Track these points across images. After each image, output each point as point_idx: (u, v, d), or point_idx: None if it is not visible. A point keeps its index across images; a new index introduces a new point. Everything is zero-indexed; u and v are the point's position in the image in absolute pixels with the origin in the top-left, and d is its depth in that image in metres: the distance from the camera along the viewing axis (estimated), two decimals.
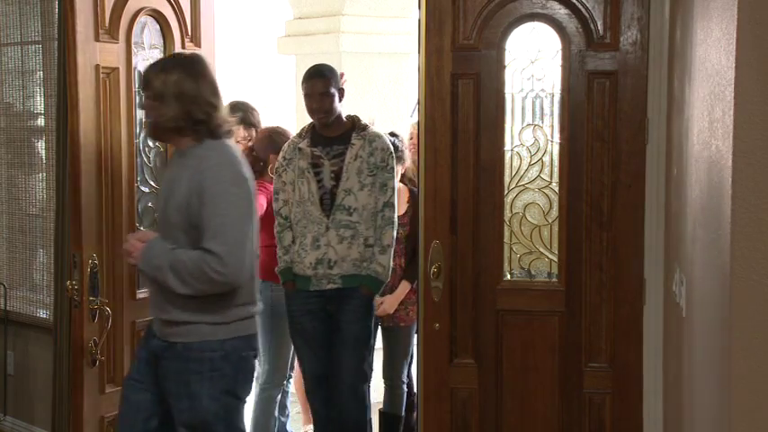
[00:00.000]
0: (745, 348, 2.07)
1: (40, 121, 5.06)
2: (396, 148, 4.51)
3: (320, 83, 4.31)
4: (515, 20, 3.53)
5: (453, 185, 3.57)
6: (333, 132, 4.38)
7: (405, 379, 4.86)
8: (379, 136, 4.37)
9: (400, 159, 4.63)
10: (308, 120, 4.47)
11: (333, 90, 4.35)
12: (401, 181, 4.67)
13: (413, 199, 4.61)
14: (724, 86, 2.18)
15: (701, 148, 2.54)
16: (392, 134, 4.74)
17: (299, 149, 4.38)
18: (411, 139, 4.86)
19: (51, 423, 4.51)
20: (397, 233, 4.39)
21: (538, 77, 3.57)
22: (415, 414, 4.72)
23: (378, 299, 4.45)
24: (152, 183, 4.07)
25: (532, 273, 3.64)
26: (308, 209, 4.32)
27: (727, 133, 2.12)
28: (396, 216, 4.34)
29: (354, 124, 4.41)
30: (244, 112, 4.75)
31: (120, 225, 3.90)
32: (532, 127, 3.59)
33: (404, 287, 4.65)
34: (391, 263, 4.35)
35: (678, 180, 3.03)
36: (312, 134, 4.42)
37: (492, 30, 3.54)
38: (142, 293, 3.97)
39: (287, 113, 6.55)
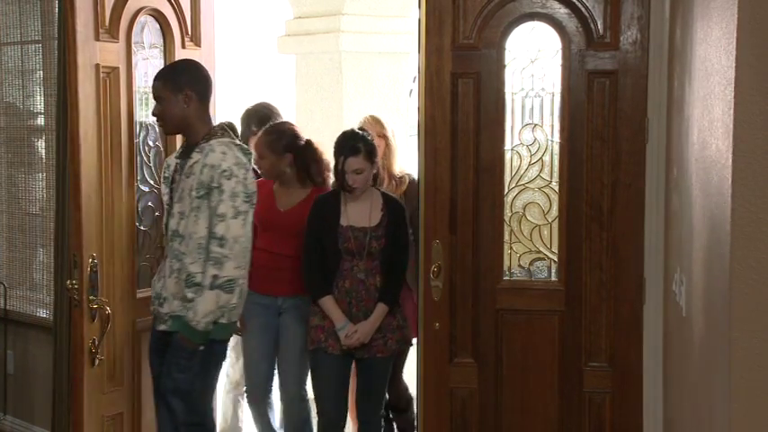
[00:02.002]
0: (745, 348, 2.07)
1: (40, 121, 5.06)
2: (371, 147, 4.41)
3: (153, 85, 3.74)
4: (515, 19, 3.53)
5: (453, 185, 3.57)
6: (193, 142, 3.70)
7: (383, 413, 4.33)
8: (213, 150, 3.54)
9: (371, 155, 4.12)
10: (308, 119, 4.47)
11: (166, 94, 3.66)
12: (374, 185, 4.09)
13: (388, 206, 4.02)
14: (724, 86, 2.18)
15: (700, 147, 2.54)
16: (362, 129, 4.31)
17: (167, 161, 3.87)
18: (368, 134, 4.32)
19: (51, 422, 4.51)
20: (371, 247, 3.92)
21: (538, 77, 3.57)
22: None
23: (351, 327, 3.91)
24: (152, 182, 4.07)
25: (532, 272, 3.64)
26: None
27: (727, 133, 2.12)
28: (226, 252, 3.48)
29: (210, 133, 3.65)
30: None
31: (121, 225, 3.90)
32: (532, 126, 3.60)
33: (380, 311, 3.95)
34: (205, 310, 3.48)
35: (678, 180, 3.03)
36: (185, 144, 3.80)
37: (492, 29, 3.54)
38: (142, 293, 3.97)
39: (287, 113, 6.55)
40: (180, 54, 4.15)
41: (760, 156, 2.04)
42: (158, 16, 4.07)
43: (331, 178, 4.22)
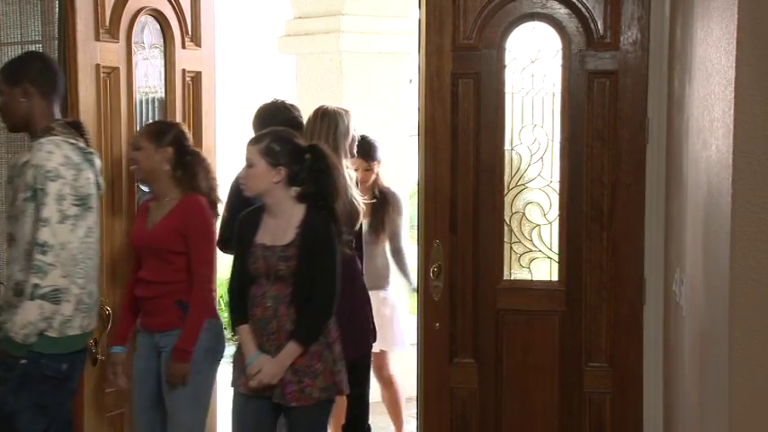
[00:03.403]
0: (745, 348, 2.08)
1: None
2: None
3: None
4: (515, 19, 3.53)
5: (453, 185, 3.57)
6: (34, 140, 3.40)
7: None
8: (41, 149, 3.24)
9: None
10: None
11: (5, 87, 3.42)
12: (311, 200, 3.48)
13: (306, 223, 3.37)
14: (724, 86, 2.18)
15: (700, 147, 2.54)
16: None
17: (11, 159, 3.68)
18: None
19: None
20: (278, 269, 3.35)
21: (538, 77, 3.58)
22: None
23: (256, 363, 3.37)
24: None
25: (532, 272, 3.64)
26: None
27: (728, 132, 2.12)
28: (50, 259, 3.14)
29: (46, 129, 3.34)
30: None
31: (121, 225, 3.90)
32: (532, 126, 3.60)
33: (288, 350, 3.32)
34: (24, 320, 3.14)
35: (678, 180, 3.03)
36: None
37: (492, 29, 3.54)
38: None
39: None
40: (180, 54, 4.16)
41: (760, 156, 2.04)
42: (158, 16, 4.07)
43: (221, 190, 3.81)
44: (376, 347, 4.56)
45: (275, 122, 4.05)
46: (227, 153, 4.26)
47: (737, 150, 2.06)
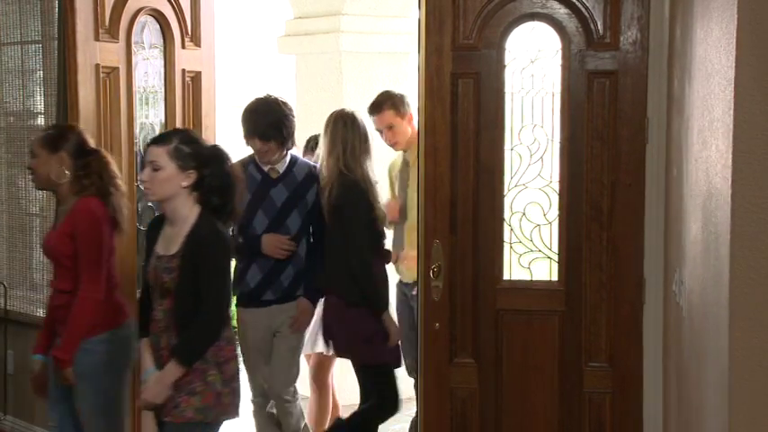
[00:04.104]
0: (744, 348, 2.07)
1: (40, 121, 5.05)
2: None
3: None
4: (515, 19, 3.53)
5: (453, 185, 3.57)
6: None
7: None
8: None
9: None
10: (308, 119, 4.47)
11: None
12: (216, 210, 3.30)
13: (193, 233, 3.19)
14: (724, 86, 2.18)
15: (700, 147, 2.54)
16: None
17: None
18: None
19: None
20: (163, 281, 3.23)
21: (538, 77, 3.57)
22: None
23: (147, 380, 3.28)
24: None
25: (532, 272, 3.64)
26: None
27: (727, 133, 2.12)
28: None
29: None
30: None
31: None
32: (532, 126, 3.59)
33: (169, 368, 3.19)
34: None
35: (678, 180, 3.03)
36: None
37: (492, 29, 3.53)
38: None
39: None
40: (180, 54, 4.16)
41: (760, 156, 2.04)
42: (158, 16, 4.07)
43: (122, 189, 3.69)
44: (326, 350, 4.51)
45: (269, 119, 4.08)
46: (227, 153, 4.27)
47: (737, 150, 2.06)
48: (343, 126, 4.14)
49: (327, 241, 4.19)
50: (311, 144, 4.66)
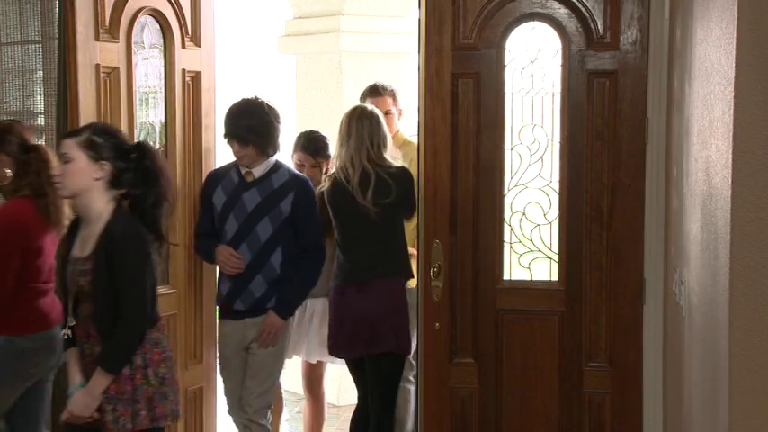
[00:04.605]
0: (745, 348, 2.07)
1: (40, 121, 5.05)
2: (317, 143, 4.34)
3: None
4: (515, 19, 3.53)
5: (453, 185, 3.57)
6: None
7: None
8: None
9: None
10: (309, 119, 4.45)
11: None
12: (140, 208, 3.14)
13: (107, 233, 3.02)
14: (724, 86, 2.18)
15: (700, 147, 2.54)
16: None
17: None
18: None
19: (52, 422, 4.50)
20: (78, 284, 3.06)
21: (538, 77, 3.58)
22: None
23: (74, 393, 3.12)
24: None
25: (532, 272, 3.64)
26: None
27: (727, 132, 2.12)
28: None
29: None
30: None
31: None
32: (532, 126, 3.60)
33: (95, 379, 3.03)
34: None
35: (678, 180, 3.03)
36: None
37: (492, 29, 3.54)
38: None
39: (287, 113, 6.55)
40: (180, 54, 4.15)
41: (760, 156, 2.04)
42: (158, 16, 4.06)
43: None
44: (312, 358, 4.43)
45: (251, 123, 3.94)
46: (227, 153, 4.24)
47: (737, 150, 2.06)
48: (369, 123, 3.96)
49: (372, 233, 3.96)
50: (302, 142, 4.47)
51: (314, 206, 4.06)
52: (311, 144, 4.43)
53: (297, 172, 4.21)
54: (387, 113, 4.40)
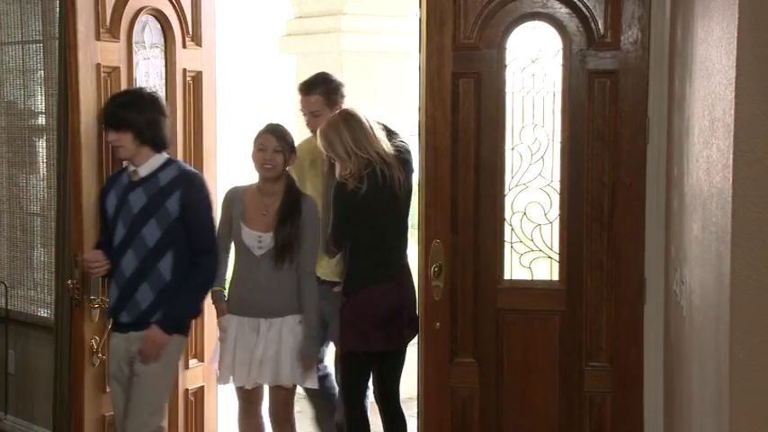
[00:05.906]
0: (744, 348, 2.07)
1: (41, 120, 5.06)
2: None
3: None
4: (516, 19, 3.53)
5: (454, 184, 3.57)
6: None
7: None
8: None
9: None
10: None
11: None
12: None
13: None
14: (725, 86, 2.18)
15: (701, 147, 2.54)
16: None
17: None
18: None
19: (52, 422, 4.51)
20: None
21: (539, 77, 3.57)
22: None
23: None
24: None
25: (533, 272, 3.64)
26: None
27: (728, 132, 2.12)
28: None
29: None
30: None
31: None
32: (533, 126, 3.60)
33: None
34: None
35: (679, 180, 3.03)
36: None
37: (493, 29, 3.54)
38: None
39: (287, 113, 6.56)
40: (181, 54, 4.16)
41: (760, 156, 2.04)
42: (159, 16, 4.07)
43: None
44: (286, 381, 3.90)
45: (129, 110, 3.58)
46: (228, 153, 4.23)
47: (737, 150, 2.06)
48: (354, 121, 3.91)
49: (403, 228, 4.01)
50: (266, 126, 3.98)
51: (205, 204, 3.75)
52: (277, 127, 3.96)
53: (188, 168, 3.83)
54: (314, 114, 4.12)
